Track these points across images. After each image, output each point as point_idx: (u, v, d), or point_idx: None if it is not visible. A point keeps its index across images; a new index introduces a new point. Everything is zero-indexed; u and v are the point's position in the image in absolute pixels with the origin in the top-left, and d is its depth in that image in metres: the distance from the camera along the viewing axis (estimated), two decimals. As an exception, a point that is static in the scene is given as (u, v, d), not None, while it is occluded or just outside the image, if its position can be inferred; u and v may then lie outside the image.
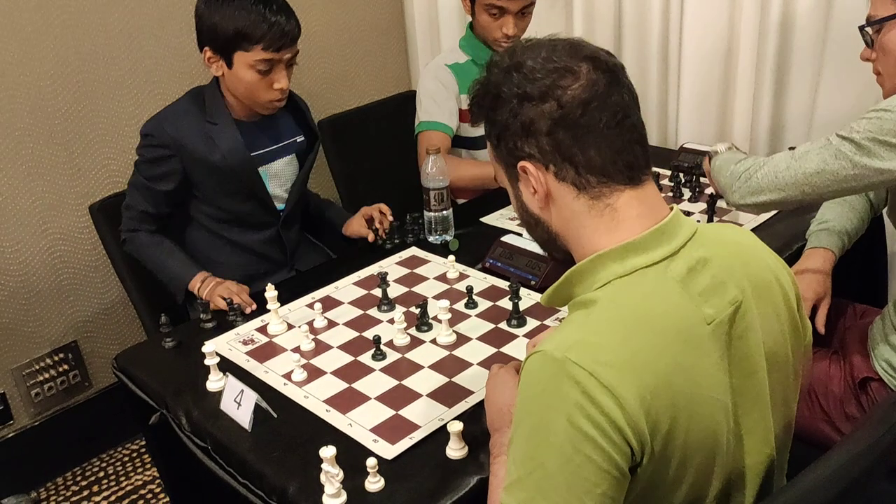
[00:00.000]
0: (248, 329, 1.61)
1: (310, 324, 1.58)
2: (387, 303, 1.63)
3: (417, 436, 1.25)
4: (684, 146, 2.27)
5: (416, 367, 1.43)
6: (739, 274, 0.99)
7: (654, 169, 2.15)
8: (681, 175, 2.12)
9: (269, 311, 1.60)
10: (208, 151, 1.78)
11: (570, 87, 0.93)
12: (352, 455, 1.21)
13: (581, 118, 0.93)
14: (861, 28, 1.47)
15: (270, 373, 1.46)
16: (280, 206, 1.93)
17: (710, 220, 1.83)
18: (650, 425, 0.87)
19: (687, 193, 2.06)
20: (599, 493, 0.86)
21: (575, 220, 0.98)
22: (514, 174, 1.01)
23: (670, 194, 2.06)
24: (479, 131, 2.28)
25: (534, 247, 1.71)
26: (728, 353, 0.95)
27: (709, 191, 1.98)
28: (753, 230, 1.84)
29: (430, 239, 1.91)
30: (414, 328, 1.54)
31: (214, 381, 1.43)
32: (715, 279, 0.96)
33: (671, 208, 1.00)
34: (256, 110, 1.81)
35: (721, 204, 1.94)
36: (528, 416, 0.90)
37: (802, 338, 1.10)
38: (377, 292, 1.67)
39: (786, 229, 1.83)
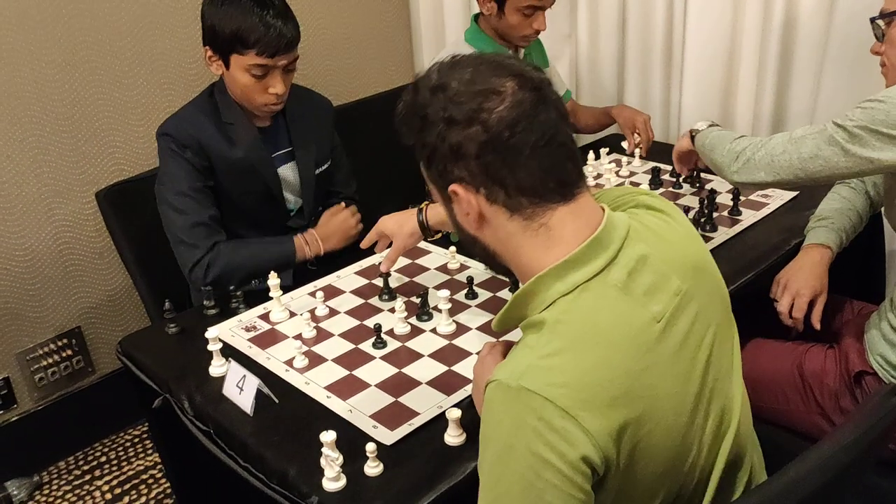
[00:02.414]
0: (250, 316, 1.63)
1: (311, 312, 1.60)
2: (388, 292, 1.64)
3: (416, 422, 1.27)
4: (685, 142, 2.27)
5: (416, 356, 1.45)
6: (679, 261, 1.01)
7: (656, 164, 2.17)
8: (682, 170, 2.14)
9: (271, 298, 1.62)
10: (229, 150, 1.78)
11: (496, 109, 0.92)
12: (351, 440, 1.23)
13: (509, 140, 0.92)
14: (872, 20, 1.51)
15: (272, 359, 1.48)
16: (290, 206, 1.94)
17: (710, 215, 1.85)
18: (613, 439, 0.88)
19: (687, 188, 2.07)
20: None
21: (511, 241, 0.99)
22: (447, 196, 1.00)
23: (671, 189, 2.08)
24: None
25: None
26: (684, 342, 0.97)
27: (709, 186, 2.00)
28: (754, 225, 1.86)
29: (432, 230, 1.92)
30: (414, 317, 1.56)
31: (217, 367, 1.45)
32: (657, 274, 0.97)
33: (602, 209, 1.00)
34: (254, 112, 1.80)
35: (721, 200, 1.95)
36: (491, 445, 0.92)
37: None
38: (379, 282, 1.69)
39: (784, 225, 1.85)
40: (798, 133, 1.46)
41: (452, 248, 1.77)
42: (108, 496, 2.31)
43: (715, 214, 1.88)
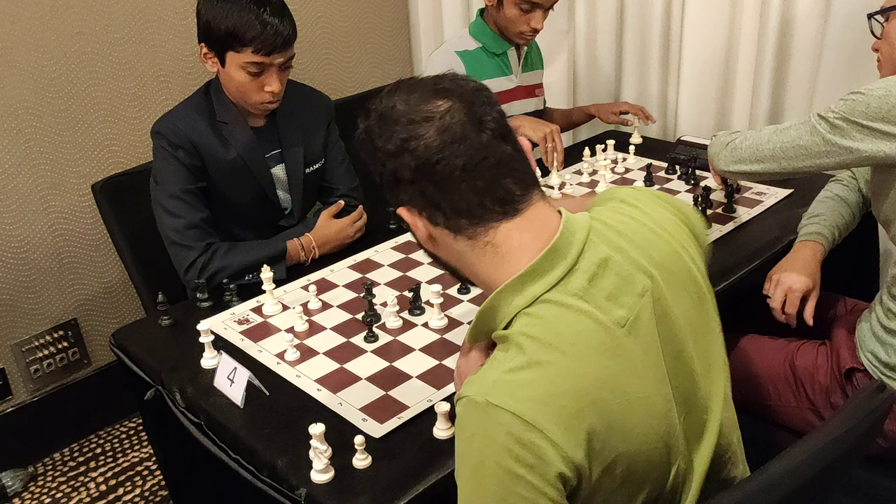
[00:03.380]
0: (243, 309, 1.63)
1: (304, 305, 1.60)
2: (372, 313, 1.56)
3: (406, 416, 1.28)
4: (681, 139, 2.28)
5: (407, 350, 1.45)
6: (644, 259, 0.99)
7: (651, 161, 2.17)
8: (677, 167, 2.14)
9: (264, 291, 1.62)
10: (224, 150, 1.77)
11: (424, 136, 0.94)
12: (341, 433, 1.24)
13: (436, 166, 0.94)
14: (870, 16, 1.53)
15: (264, 352, 1.48)
16: (284, 205, 1.93)
17: (704, 212, 1.85)
18: (583, 449, 0.88)
19: (682, 186, 2.08)
20: None
21: (462, 259, 1.00)
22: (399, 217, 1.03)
23: (666, 185, 2.08)
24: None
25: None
26: (652, 343, 0.96)
27: (703, 183, 2.00)
28: (748, 222, 1.86)
29: (427, 225, 1.92)
30: (406, 312, 1.56)
31: (209, 359, 1.46)
32: (620, 276, 0.96)
33: (559, 213, 1.00)
34: (249, 111, 1.79)
35: (715, 196, 1.96)
36: (464, 460, 0.92)
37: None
38: (372, 276, 1.70)
39: (778, 222, 1.85)
40: (784, 124, 1.51)
41: (446, 243, 1.77)
42: (103, 488, 2.31)
43: (709, 211, 1.88)
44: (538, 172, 1.06)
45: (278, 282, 1.67)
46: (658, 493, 0.99)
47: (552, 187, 1.98)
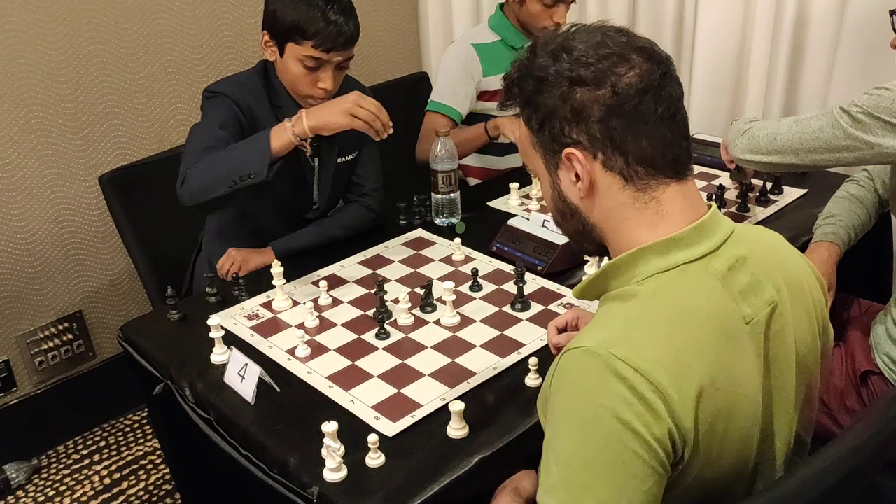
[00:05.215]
0: (252, 304, 1.62)
1: (315, 301, 1.59)
2: (384, 310, 1.55)
3: (419, 414, 1.26)
4: (694, 137, 2.26)
5: (419, 347, 1.44)
6: (776, 274, 0.98)
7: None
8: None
9: (274, 287, 1.61)
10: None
11: (626, 74, 0.90)
12: (353, 431, 1.22)
13: (637, 107, 0.90)
14: (892, 13, 1.51)
15: (274, 348, 1.46)
16: (314, 197, 1.90)
17: (717, 211, 1.83)
18: (694, 423, 0.86)
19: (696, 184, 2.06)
20: (645, 491, 0.85)
21: (617, 212, 0.96)
22: (555, 161, 0.97)
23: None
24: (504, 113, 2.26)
25: (541, 232, 1.72)
26: (764, 354, 0.95)
27: (717, 182, 1.98)
28: (762, 223, 1.84)
29: (437, 221, 1.91)
30: (418, 309, 1.54)
31: (219, 354, 1.44)
32: (753, 278, 0.95)
33: (709, 206, 0.99)
34: (298, 102, 1.78)
35: (728, 196, 1.94)
36: (571, 413, 0.89)
37: (826, 340, 1.10)
38: (382, 272, 1.68)
39: (793, 223, 1.84)
40: (804, 115, 1.48)
41: (457, 240, 1.76)
42: (107, 481, 2.30)
43: (722, 210, 1.87)
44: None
45: (287, 275, 1.66)
46: (724, 489, 0.97)
47: None
